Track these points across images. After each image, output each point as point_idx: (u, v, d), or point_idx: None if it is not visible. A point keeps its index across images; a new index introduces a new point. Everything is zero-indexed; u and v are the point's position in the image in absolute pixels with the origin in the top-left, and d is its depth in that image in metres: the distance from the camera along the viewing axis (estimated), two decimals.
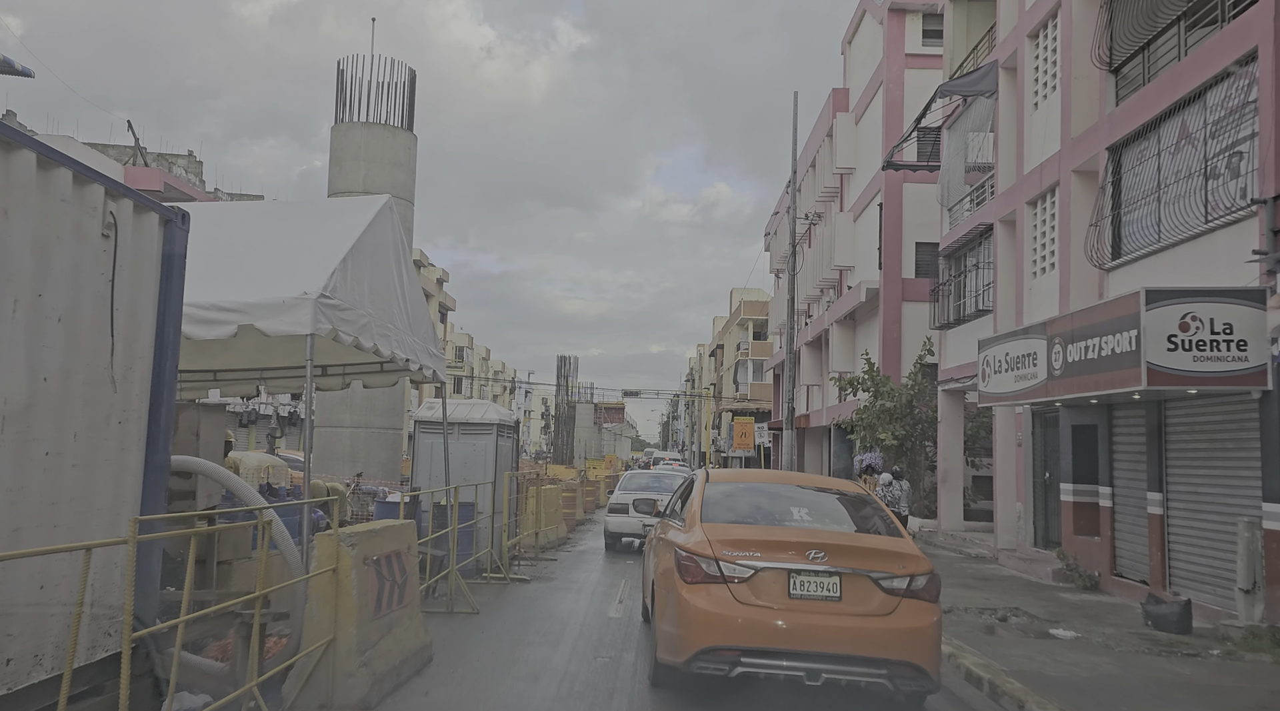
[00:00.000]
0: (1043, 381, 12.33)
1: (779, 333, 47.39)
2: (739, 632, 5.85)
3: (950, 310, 20.89)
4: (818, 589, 5.96)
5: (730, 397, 68.45)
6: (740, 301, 68.31)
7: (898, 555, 6.19)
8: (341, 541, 5.58)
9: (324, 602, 5.44)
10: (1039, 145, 15.91)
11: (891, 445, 23.11)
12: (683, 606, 6.01)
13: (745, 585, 5.96)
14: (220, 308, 6.80)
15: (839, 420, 27.55)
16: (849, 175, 32.13)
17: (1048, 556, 14.77)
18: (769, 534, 6.34)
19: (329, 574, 5.48)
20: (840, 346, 30.84)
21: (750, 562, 6.00)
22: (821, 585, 5.97)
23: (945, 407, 21.05)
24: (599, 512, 28.79)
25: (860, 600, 5.96)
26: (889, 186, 26.41)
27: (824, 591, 5.96)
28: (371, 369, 10.64)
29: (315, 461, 19.35)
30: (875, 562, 6.08)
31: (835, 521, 6.87)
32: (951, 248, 20.63)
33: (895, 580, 6.02)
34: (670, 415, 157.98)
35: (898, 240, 26.33)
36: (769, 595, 5.94)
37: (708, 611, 5.91)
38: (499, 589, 11.29)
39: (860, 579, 5.99)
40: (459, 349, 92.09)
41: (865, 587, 5.99)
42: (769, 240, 50.49)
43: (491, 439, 12.68)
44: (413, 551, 6.84)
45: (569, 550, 16.66)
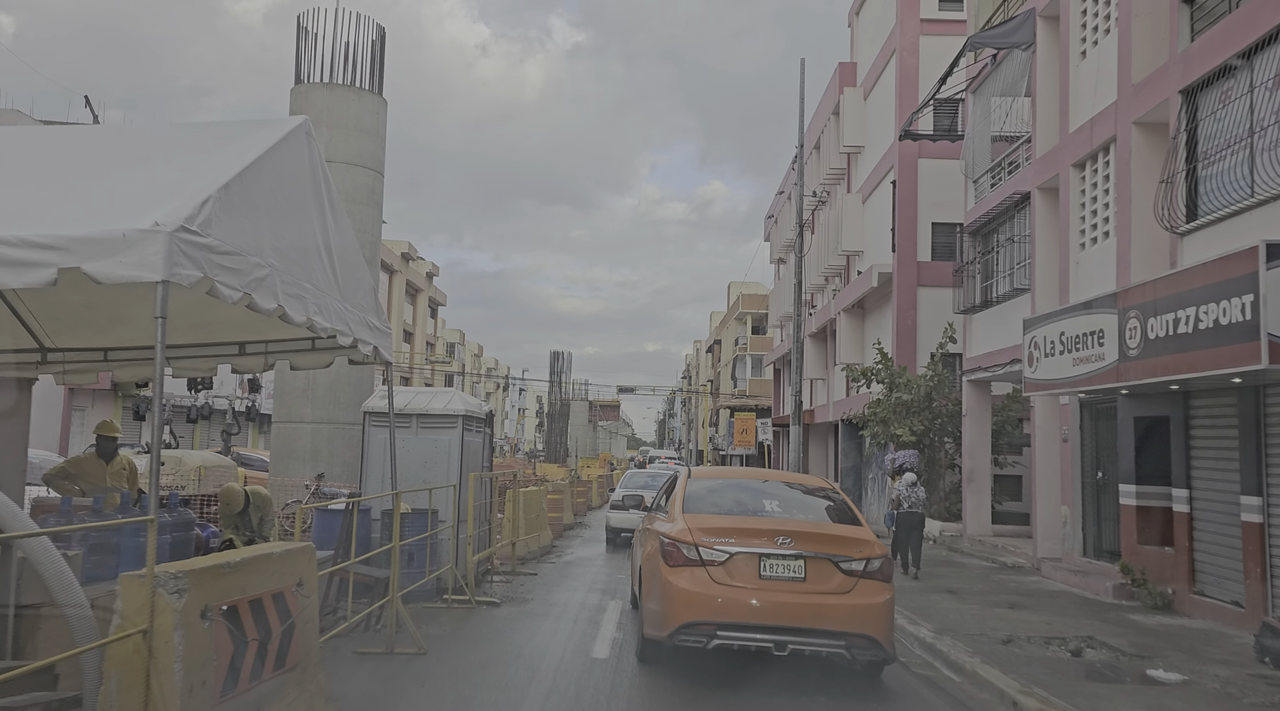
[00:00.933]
0: (1113, 364, 10.37)
1: (780, 325, 45.43)
2: (716, 609, 6.58)
3: (975, 292, 18.93)
4: (785, 570, 6.71)
5: (728, 394, 66.46)
6: (739, 295, 66.30)
7: (855, 541, 6.94)
8: (160, 585, 3.58)
9: (129, 682, 3.44)
10: (1088, 99, 13.93)
11: (909, 441, 21.15)
12: (666, 587, 6.74)
13: (721, 567, 6.71)
14: (31, 244, 4.77)
15: (848, 415, 25.62)
16: (857, 154, 30.15)
17: (1105, 569, 12.80)
18: (742, 523, 7.06)
19: (137, 638, 3.48)
20: (848, 337, 28.86)
21: (726, 548, 6.74)
22: (788, 567, 6.71)
23: (970, 400, 19.08)
24: (592, 515, 26.81)
25: (822, 580, 6.72)
26: (903, 161, 24.44)
27: (790, 573, 6.71)
28: (300, 345, 8.64)
29: (274, 461, 17.30)
30: (835, 547, 6.83)
31: (802, 512, 7.61)
32: (978, 223, 18.66)
33: (853, 562, 6.77)
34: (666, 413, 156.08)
35: (912, 220, 24.35)
36: (742, 576, 6.69)
37: (688, 591, 6.65)
38: (461, 616, 9.29)
39: (822, 562, 6.75)
40: (450, 345, 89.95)
41: (826, 569, 6.74)
42: (769, 228, 48.51)
43: (456, 433, 10.67)
44: (308, 588, 4.83)
45: (553, 561, 14.67)
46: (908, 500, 15.42)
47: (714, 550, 6.76)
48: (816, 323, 33.51)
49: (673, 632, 6.66)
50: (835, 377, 32.27)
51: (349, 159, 18.53)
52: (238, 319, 8.02)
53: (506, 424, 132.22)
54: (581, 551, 16.43)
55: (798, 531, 6.90)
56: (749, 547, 6.76)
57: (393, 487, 8.65)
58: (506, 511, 13.34)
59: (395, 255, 64.27)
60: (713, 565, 6.74)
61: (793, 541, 6.78)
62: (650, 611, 7.13)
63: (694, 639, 6.59)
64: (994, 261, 18.48)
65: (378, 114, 19.62)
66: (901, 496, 15.46)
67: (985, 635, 9.17)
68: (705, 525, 6.99)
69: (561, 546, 17.03)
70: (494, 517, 13.45)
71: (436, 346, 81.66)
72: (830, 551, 6.81)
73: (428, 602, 9.67)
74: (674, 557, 6.83)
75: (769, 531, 6.87)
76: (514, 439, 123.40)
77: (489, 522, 12.20)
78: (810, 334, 34.96)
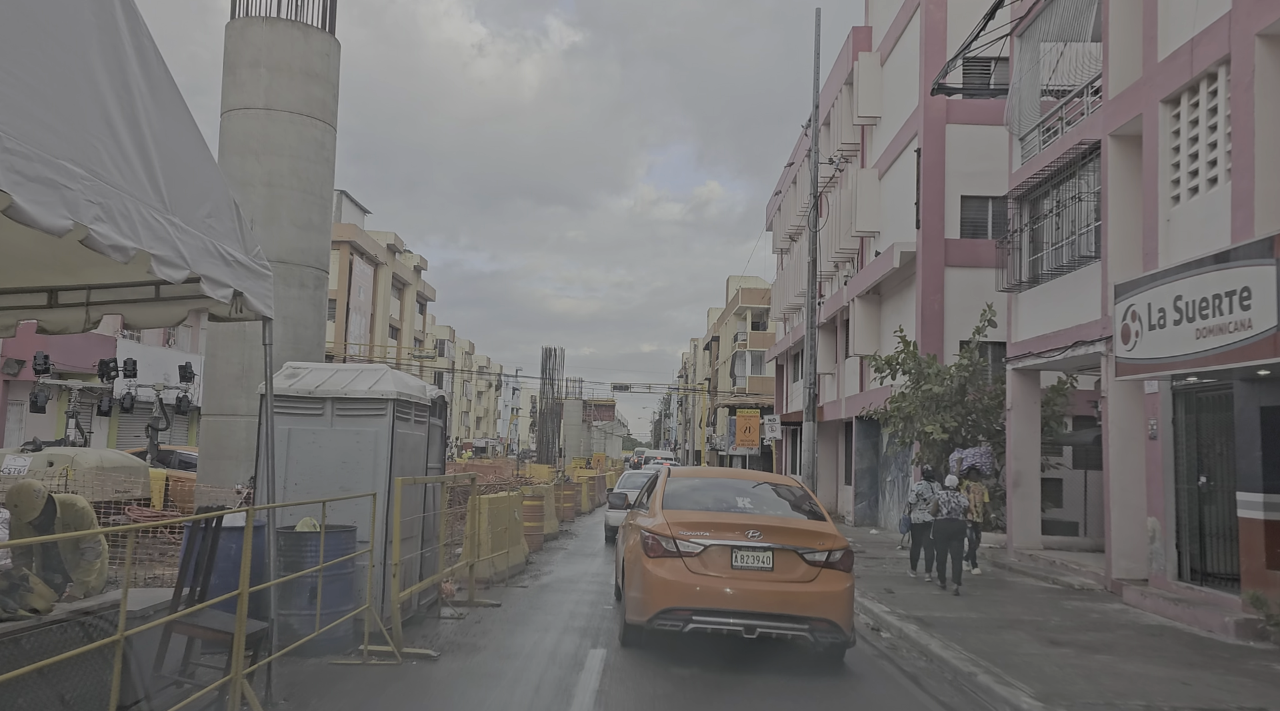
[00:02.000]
0: (1270, 331, 7.76)
1: (784, 317, 42.85)
2: (691, 596, 7.13)
3: (1022, 267, 16.34)
4: (754, 561, 7.25)
5: (727, 392, 63.85)
6: (738, 289, 63.69)
7: (819, 534, 7.50)
8: None
9: None
10: (1185, 18, 11.33)
11: (940, 440, 18.55)
12: (646, 576, 7.31)
13: (697, 558, 7.27)
14: None
15: (866, 411, 23.03)
16: (873, 127, 27.54)
17: (1217, 598, 10.20)
18: (716, 518, 7.63)
19: None
20: (863, 326, 26.26)
21: (701, 540, 7.31)
22: (757, 558, 7.26)
23: (1016, 391, 16.47)
24: (582, 522, 24.17)
25: (788, 570, 7.27)
26: (929, 127, 21.84)
27: (759, 563, 7.25)
28: (139, 293, 6.00)
29: (202, 461, 14.58)
30: (800, 540, 7.38)
31: (772, 508, 8.18)
32: (1026, 187, 16.06)
33: (816, 554, 7.33)
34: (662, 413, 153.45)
35: (939, 193, 21.75)
36: (715, 566, 7.24)
37: (666, 579, 7.21)
38: (379, 679, 6.63)
39: (788, 553, 7.30)
40: (439, 341, 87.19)
41: (792, 560, 7.29)
42: (772, 215, 45.92)
43: (384, 422, 8.01)
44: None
45: (526, 583, 12.02)
46: (947, 505, 12.96)
47: (690, 542, 7.28)
48: (826, 312, 30.90)
49: (652, 617, 7.19)
50: (846, 371, 29.66)
51: (294, 108, 15.87)
52: (30, 250, 5.39)
53: (499, 423, 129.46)
54: (564, 569, 13.78)
55: (766, 525, 7.41)
56: (722, 540, 7.27)
57: (268, 497, 6.01)
58: (473, 525, 10.69)
59: (381, 246, 61.61)
60: (689, 556, 7.25)
61: (762, 534, 7.30)
62: (632, 599, 7.62)
63: (671, 623, 7.13)
64: (1046, 230, 15.88)
65: (329, 57, 16.92)
66: (940, 501, 12.98)
67: (1113, 705, 6.56)
68: (682, 520, 7.52)
69: (540, 563, 14.37)
70: (450, 532, 10.80)
71: (425, 343, 78.92)
72: (796, 543, 7.32)
73: (338, 656, 7.03)
74: (654, 549, 7.35)
75: (740, 525, 7.38)
76: (506, 439, 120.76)
77: (439, 540, 9.55)
78: (819, 325, 32.36)
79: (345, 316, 54.97)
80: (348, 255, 55.73)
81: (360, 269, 57.30)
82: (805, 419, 20.34)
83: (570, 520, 23.20)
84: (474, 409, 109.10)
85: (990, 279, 21.04)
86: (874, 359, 20.38)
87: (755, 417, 30.17)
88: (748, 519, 7.58)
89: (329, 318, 57.50)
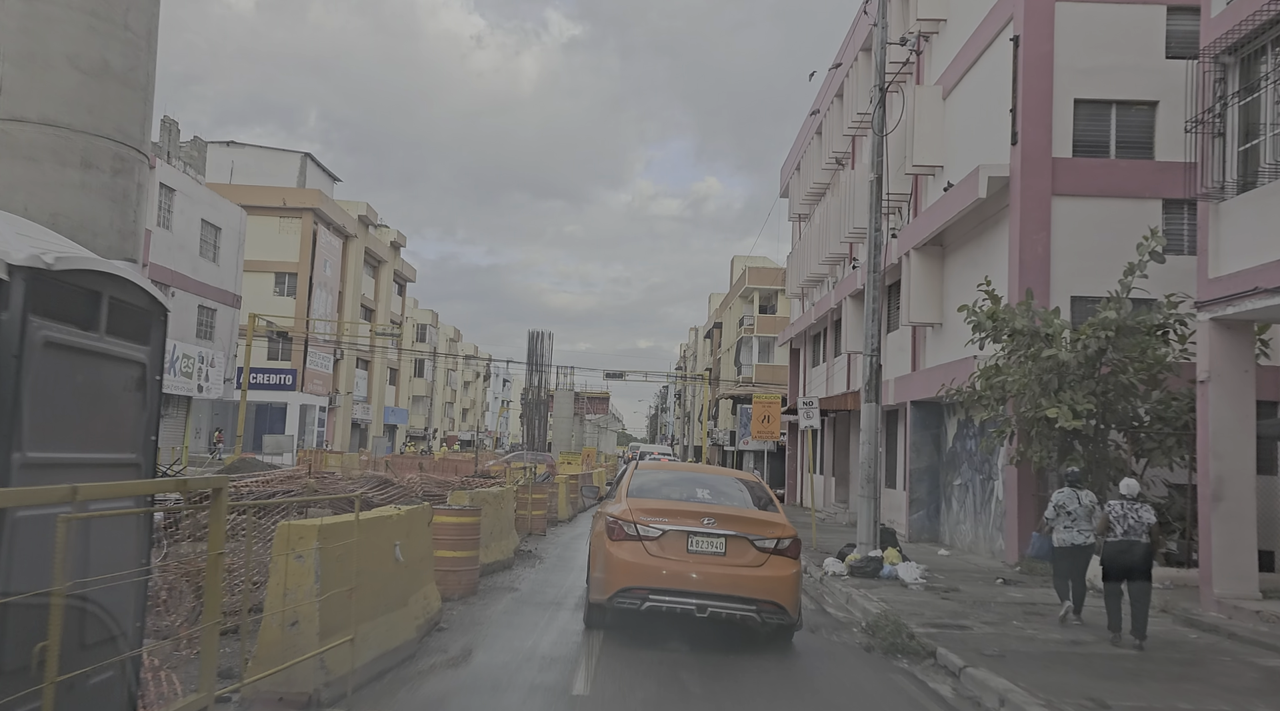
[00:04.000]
0: None
1: (802, 293, 37.14)
2: (648, 577, 7.61)
3: (1229, 161, 10.63)
4: (708, 546, 7.77)
5: (730, 381, 58.15)
6: (745, 269, 57.93)
7: (769, 523, 8.07)
8: None
9: None
10: None
11: (1068, 429, 12.83)
12: (608, 558, 7.81)
13: (655, 542, 7.77)
14: None
15: (945, 390, 17.21)
16: (934, 33, 21.76)
17: None
18: (675, 506, 8.16)
19: None
20: (921, 286, 20.55)
21: (660, 525, 7.82)
22: (711, 543, 7.78)
23: (1218, 354, 10.73)
24: (558, 534, 18.42)
25: (739, 555, 7.78)
26: (1032, 5, 16.09)
27: (713, 548, 7.77)
28: None
29: None
30: (751, 528, 7.93)
31: (728, 499, 8.64)
32: (1236, 37, 10.34)
33: (765, 541, 7.87)
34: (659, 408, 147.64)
35: (1045, 96, 16.00)
36: (672, 550, 7.75)
37: (626, 561, 7.71)
38: None
39: (740, 540, 7.82)
40: (421, 326, 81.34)
41: (743, 546, 7.81)
42: (788, 179, 40.14)
43: None
44: None
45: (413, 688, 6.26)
46: (1123, 521, 9.02)
47: (650, 527, 7.81)
48: (862, 276, 25.11)
49: (612, 596, 7.68)
50: (891, 348, 23.98)
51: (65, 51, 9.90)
52: None
53: (488, 416, 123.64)
54: (497, 645, 7.97)
55: (721, 514, 7.98)
56: (679, 526, 7.82)
57: None
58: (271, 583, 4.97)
59: (351, 217, 55.66)
60: (648, 540, 7.78)
61: (716, 522, 7.84)
62: (595, 579, 8.14)
63: (629, 602, 7.60)
64: (1265, 104, 10.17)
65: None
66: (1113, 515, 9.15)
67: None
68: (644, 507, 8.06)
69: (457, 627, 8.52)
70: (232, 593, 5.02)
71: (404, 327, 73.08)
72: (747, 531, 7.86)
73: None
74: (616, 533, 7.87)
75: (697, 513, 7.97)
76: (496, 432, 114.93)
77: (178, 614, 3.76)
78: (850, 294, 26.66)
79: (308, 292, 49.22)
80: (311, 224, 49.91)
81: (326, 240, 51.47)
82: (864, 400, 14.64)
83: (541, 534, 17.46)
84: (460, 399, 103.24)
85: (1121, 213, 15.32)
86: (972, 313, 14.59)
87: (775, 404, 24.42)
88: (704, 508, 8.11)
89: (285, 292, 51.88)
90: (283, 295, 49.50)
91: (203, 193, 34.41)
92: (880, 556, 13.55)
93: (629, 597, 7.55)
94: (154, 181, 31.12)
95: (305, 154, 52.14)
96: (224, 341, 36.50)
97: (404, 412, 72.71)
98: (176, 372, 32.47)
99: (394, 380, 70.67)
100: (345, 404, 56.56)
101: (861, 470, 14.54)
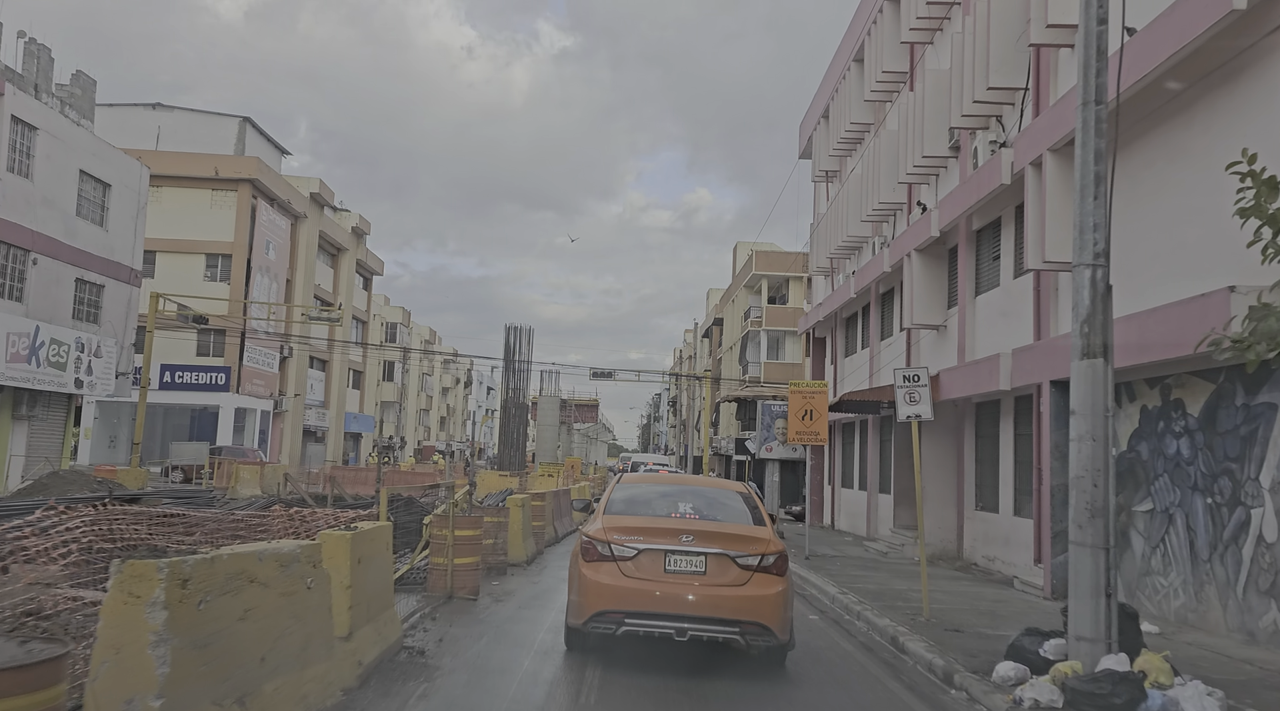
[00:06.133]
0: None
1: (831, 268, 30.27)
2: (624, 599, 7.23)
3: None
4: (687, 565, 7.34)
5: (735, 380, 51.19)
6: (751, 254, 51.02)
7: (753, 538, 7.56)
8: None
9: None
10: None
11: None
12: (582, 580, 7.44)
13: (630, 562, 7.38)
14: None
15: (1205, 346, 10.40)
16: None
17: None
18: (652, 523, 7.73)
19: None
20: (1059, 202, 13.62)
21: (635, 545, 7.42)
22: (690, 562, 7.35)
23: None
24: (501, 593, 11.38)
25: (720, 573, 7.32)
26: None
27: (692, 567, 7.34)
28: None
29: None
30: (734, 545, 7.44)
31: (711, 513, 8.09)
32: None
33: (749, 558, 7.38)
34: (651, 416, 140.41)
35: None
36: (648, 570, 7.34)
37: (600, 583, 7.33)
38: None
39: (721, 557, 7.36)
40: (391, 325, 74.08)
41: (725, 564, 7.35)
42: (810, 130, 33.26)
43: None
44: None
45: None
46: None
47: (624, 547, 7.40)
48: (949, 216, 18.21)
49: (587, 620, 7.33)
50: (983, 313, 17.12)
51: None
52: None
53: (470, 425, 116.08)
54: None
55: (701, 530, 7.51)
56: (655, 544, 7.39)
57: None
58: None
59: (300, 195, 48.49)
60: (623, 560, 7.37)
61: (695, 539, 7.39)
62: (571, 602, 7.71)
63: (604, 626, 7.25)
64: None
65: None
66: None
67: None
68: (619, 525, 7.65)
69: None
70: None
71: (370, 325, 65.86)
72: (728, 548, 7.38)
73: None
74: (590, 553, 7.49)
75: (675, 530, 7.51)
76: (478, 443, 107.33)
77: None
78: (917, 247, 19.81)
79: (245, 276, 42.08)
80: (250, 198, 42.73)
81: (270, 219, 44.30)
82: (1081, 355, 7.74)
83: (470, 596, 10.39)
84: (437, 406, 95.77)
85: None
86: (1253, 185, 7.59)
87: (821, 395, 17.40)
88: (683, 524, 7.70)
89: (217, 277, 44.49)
90: (215, 280, 42.40)
91: (83, 138, 27.30)
92: (1129, 671, 6.62)
93: (604, 622, 7.26)
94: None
95: (244, 118, 45.07)
96: (116, 326, 29.29)
97: (370, 420, 65.46)
98: (40, 362, 25.29)
99: (358, 383, 63.44)
100: (295, 408, 49.34)
101: (1076, 490, 7.63)
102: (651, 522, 7.74)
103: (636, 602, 7.17)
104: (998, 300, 16.86)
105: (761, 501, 8.85)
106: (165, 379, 41.17)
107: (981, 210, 16.96)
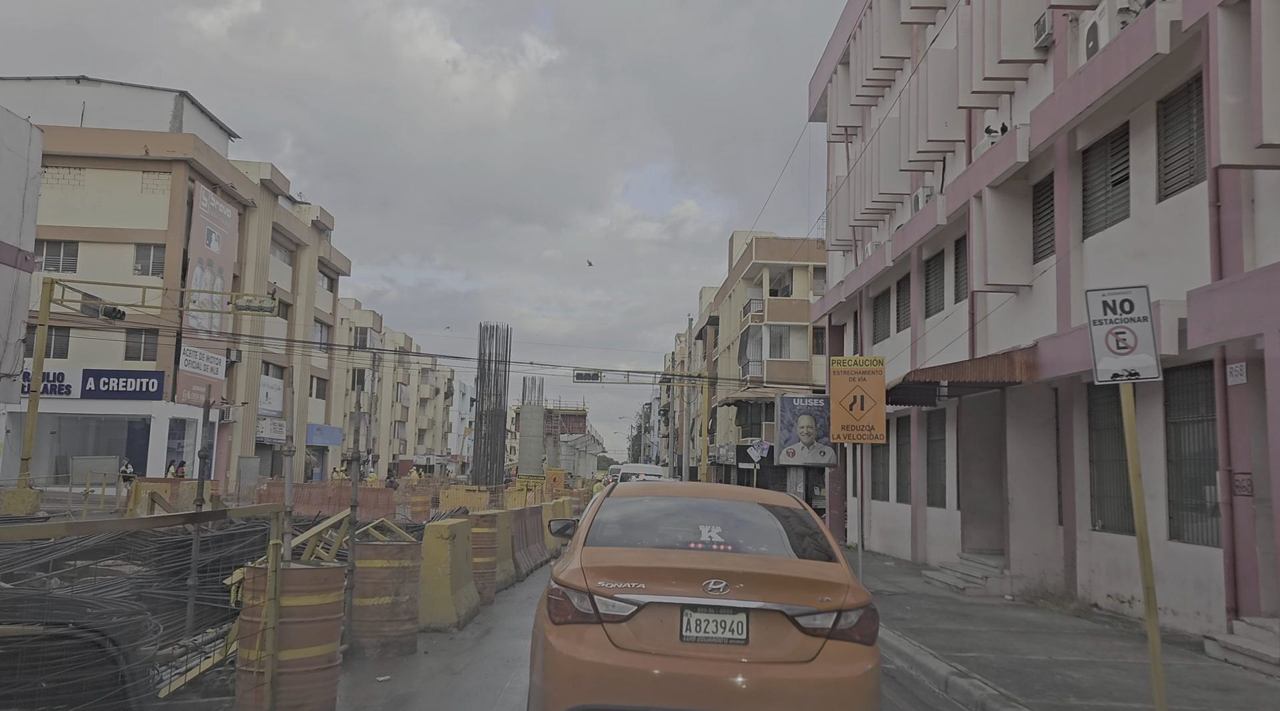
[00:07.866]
0: None
1: (853, 240, 25.54)
2: (615, 688, 4.32)
3: None
4: (718, 629, 4.44)
5: (734, 381, 46.41)
6: (751, 242, 46.31)
7: (822, 583, 4.58)
8: None
9: None
10: None
11: None
12: (549, 653, 4.48)
13: (625, 625, 4.45)
14: None
15: None
16: None
17: None
18: (660, 559, 4.71)
19: None
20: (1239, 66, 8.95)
21: (631, 597, 4.46)
22: (723, 624, 4.45)
23: None
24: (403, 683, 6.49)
25: (772, 643, 4.43)
26: None
27: (726, 632, 4.44)
28: None
29: None
30: (792, 595, 4.50)
31: (750, 543, 5.06)
32: None
33: (818, 617, 4.47)
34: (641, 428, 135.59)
35: None
36: (655, 638, 4.42)
37: (575, 660, 4.39)
38: None
39: (772, 616, 4.46)
40: (360, 330, 68.93)
41: (779, 627, 4.46)
42: (825, 83, 28.58)
43: None
44: None
45: None
46: None
47: (615, 600, 4.47)
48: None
49: None
50: (1092, 263, 12.46)
51: None
52: None
53: (450, 438, 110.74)
54: None
55: (736, 572, 4.53)
56: (666, 596, 4.46)
57: None
58: None
59: (249, 181, 43.50)
60: (613, 621, 4.45)
61: (729, 586, 4.45)
62: (534, 688, 4.77)
63: None
64: None
65: None
66: None
67: None
68: (606, 563, 4.65)
69: None
70: None
71: (336, 330, 60.79)
72: (784, 600, 4.47)
73: None
74: (560, 611, 4.53)
75: (696, 572, 4.53)
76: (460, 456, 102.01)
77: None
78: (990, 184, 15.09)
79: (181, 269, 37.10)
80: (185, 181, 37.80)
81: (211, 206, 39.27)
82: None
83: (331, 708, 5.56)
84: (415, 418, 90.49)
85: None
86: None
87: (878, 376, 12.65)
88: (708, 560, 4.67)
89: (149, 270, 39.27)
90: (145, 273, 37.36)
91: None
92: None
93: None
94: None
95: (181, 93, 40.11)
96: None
97: (336, 432, 60.27)
98: None
99: (324, 393, 58.32)
100: (245, 418, 44.24)
101: None
102: (658, 558, 4.80)
103: (637, 693, 4.36)
104: (1125, 237, 12.16)
105: None
106: (89, 385, 36.12)
107: (1099, 114, 12.27)
